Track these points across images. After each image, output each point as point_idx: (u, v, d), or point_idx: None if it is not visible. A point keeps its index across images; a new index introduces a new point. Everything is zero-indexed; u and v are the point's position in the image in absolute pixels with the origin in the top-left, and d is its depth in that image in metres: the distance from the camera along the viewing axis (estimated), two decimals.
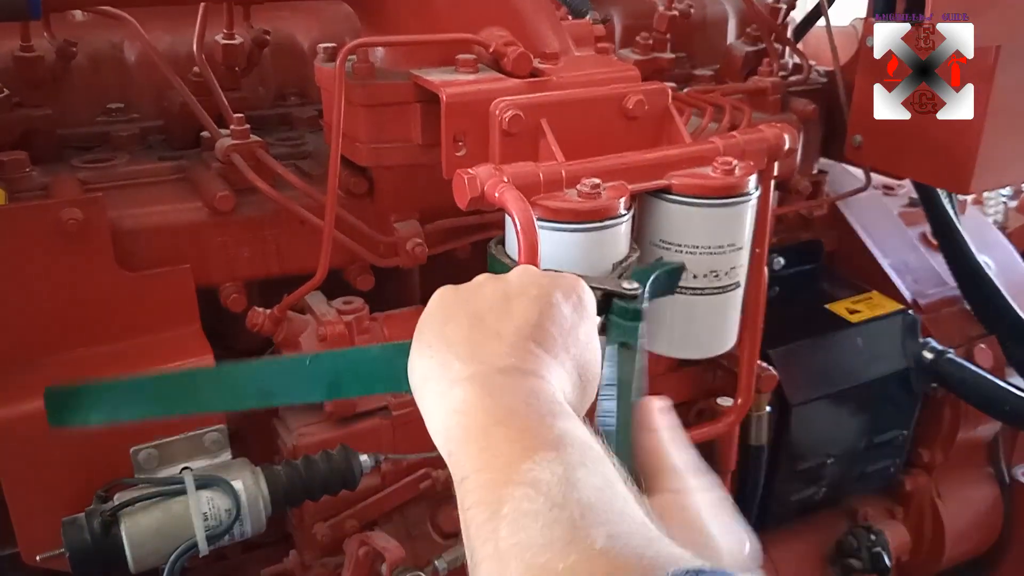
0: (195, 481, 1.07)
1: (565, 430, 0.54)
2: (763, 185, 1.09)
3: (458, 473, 0.55)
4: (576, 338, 0.66)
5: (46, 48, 1.34)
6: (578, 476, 0.50)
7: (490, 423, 0.56)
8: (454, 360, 0.62)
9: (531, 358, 0.61)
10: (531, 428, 0.54)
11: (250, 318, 1.21)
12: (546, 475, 0.50)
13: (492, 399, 0.57)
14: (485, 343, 0.63)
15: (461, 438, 0.56)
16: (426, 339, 0.66)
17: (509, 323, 0.64)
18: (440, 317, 0.67)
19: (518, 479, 0.50)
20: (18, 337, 1.11)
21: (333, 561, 1.28)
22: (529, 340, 0.63)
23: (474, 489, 0.52)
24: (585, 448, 0.53)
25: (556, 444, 0.52)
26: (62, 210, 1.08)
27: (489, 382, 0.59)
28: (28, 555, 1.10)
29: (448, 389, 0.60)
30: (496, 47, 1.14)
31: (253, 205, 1.23)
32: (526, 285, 0.68)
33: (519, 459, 0.51)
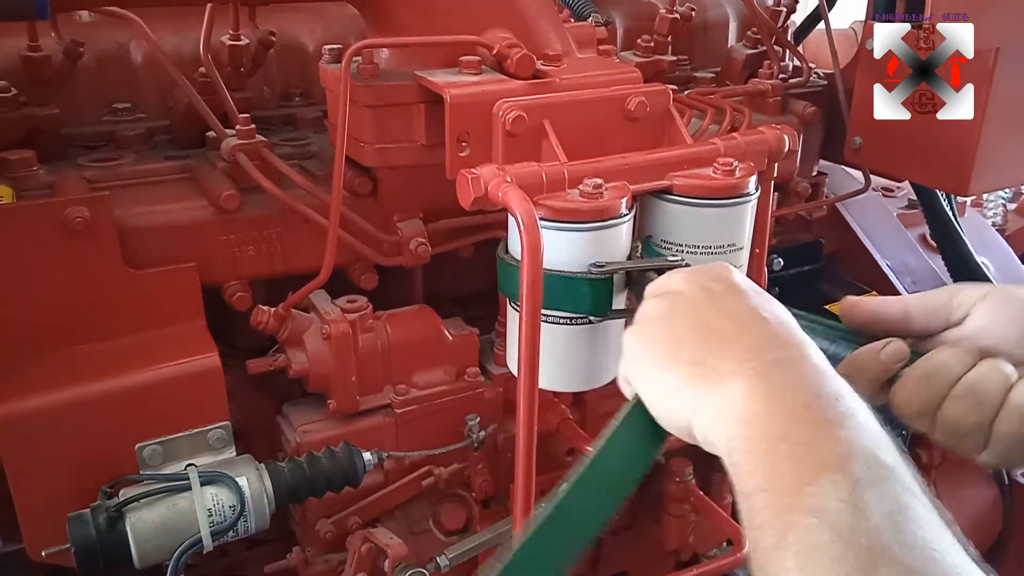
0: (200, 477, 1.08)
1: (851, 440, 0.52)
2: (763, 186, 1.10)
3: (743, 487, 0.54)
4: (779, 309, 0.67)
5: (53, 48, 1.34)
6: (866, 502, 0.48)
7: (774, 435, 0.54)
8: (714, 366, 0.61)
9: (777, 340, 0.62)
10: (815, 441, 0.53)
11: (255, 316, 1.22)
12: (831, 503, 0.48)
13: (770, 402, 0.56)
14: (728, 344, 0.62)
15: (745, 450, 0.55)
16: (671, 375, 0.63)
17: (732, 321, 0.64)
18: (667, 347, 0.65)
19: (802, 505, 0.49)
20: (25, 333, 1.12)
21: (336, 558, 1.29)
22: (756, 326, 0.63)
23: (760, 510, 0.52)
24: (873, 462, 0.51)
25: (841, 462, 0.51)
26: (69, 208, 1.09)
27: (760, 379, 0.58)
28: (33, 550, 1.11)
29: (719, 386, 0.59)
30: (499, 49, 1.15)
31: (258, 204, 1.24)
32: (707, 284, 0.68)
33: (804, 481, 0.50)
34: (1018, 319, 0.73)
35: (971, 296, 0.75)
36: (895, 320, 0.77)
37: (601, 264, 0.94)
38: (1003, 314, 0.73)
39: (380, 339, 1.27)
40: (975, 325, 0.74)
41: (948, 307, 0.76)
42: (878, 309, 0.78)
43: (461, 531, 1.37)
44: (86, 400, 1.10)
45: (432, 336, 1.31)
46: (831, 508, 0.48)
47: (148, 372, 1.14)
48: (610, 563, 1.63)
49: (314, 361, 1.23)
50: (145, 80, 1.46)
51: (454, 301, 1.50)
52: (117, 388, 1.11)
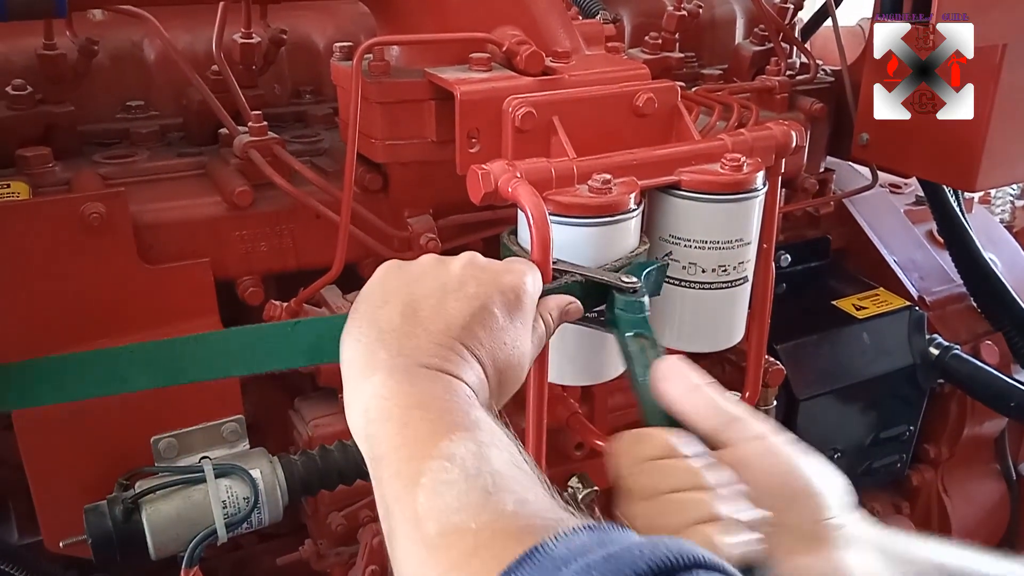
0: (214, 470, 1.09)
1: (479, 417, 0.59)
2: (771, 181, 1.11)
3: (376, 451, 0.58)
4: (503, 342, 0.68)
5: (68, 46, 1.36)
6: (490, 453, 0.54)
7: (410, 405, 0.59)
8: (380, 349, 0.64)
9: (454, 359, 0.64)
10: (448, 412, 0.58)
11: (267, 311, 1.24)
12: (461, 450, 0.54)
13: (411, 386, 0.60)
14: (413, 337, 0.65)
15: (381, 419, 0.59)
16: (359, 318, 0.68)
17: (440, 320, 0.66)
18: (378, 297, 0.69)
19: (435, 453, 0.54)
20: (41, 328, 1.13)
21: (348, 550, 1.30)
22: (455, 340, 0.65)
23: (393, 463, 0.56)
24: (496, 432, 0.58)
25: (470, 427, 0.57)
26: (85, 204, 1.11)
27: (410, 372, 0.62)
28: (51, 541, 1.12)
29: (370, 374, 0.63)
30: (509, 46, 1.16)
31: (270, 200, 1.25)
32: (465, 281, 0.69)
33: (436, 437, 0.55)
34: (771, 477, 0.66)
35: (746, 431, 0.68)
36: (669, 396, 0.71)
37: (555, 261, 0.89)
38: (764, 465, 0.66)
39: None
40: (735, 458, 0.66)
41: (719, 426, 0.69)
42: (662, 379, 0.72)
43: None
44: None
45: None
46: (460, 454, 0.54)
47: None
48: None
49: None
50: (159, 78, 1.48)
51: None
52: None
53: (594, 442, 1.33)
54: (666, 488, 0.64)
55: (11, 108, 1.30)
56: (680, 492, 0.63)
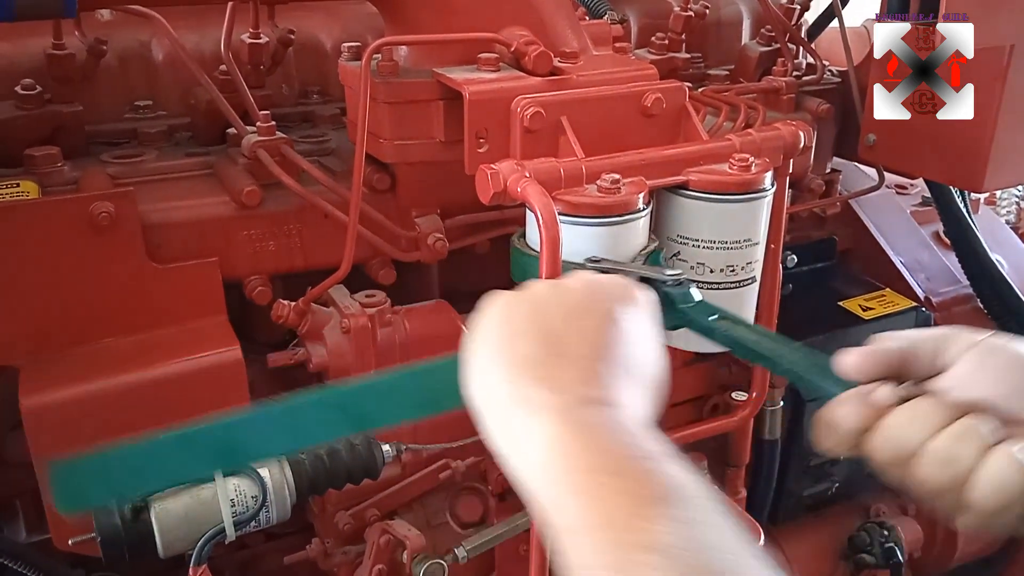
0: None
1: (674, 478, 0.53)
2: (778, 182, 1.11)
3: (560, 521, 0.53)
4: (646, 353, 0.66)
5: (77, 46, 1.37)
6: (703, 537, 0.49)
7: (595, 468, 0.54)
8: (529, 384, 0.60)
9: (609, 384, 0.60)
10: (640, 476, 0.53)
11: (275, 310, 1.24)
12: (669, 538, 0.48)
13: (586, 439, 0.56)
14: (561, 367, 0.61)
15: (561, 481, 0.54)
16: (490, 355, 0.64)
17: (582, 344, 0.62)
18: (507, 331, 0.65)
19: (642, 542, 0.48)
20: (51, 327, 1.14)
21: (355, 549, 1.31)
22: (603, 363, 0.61)
23: (594, 549, 0.50)
24: (699, 498, 0.52)
25: (670, 497, 0.51)
26: (94, 204, 1.11)
27: (575, 419, 0.57)
28: (60, 540, 1.13)
29: (529, 419, 0.58)
30: (517, 46, 1.17)
31: (278, 200, 1.26)
32: (593, 299, 0.67)
33: (637, 517, 0.50)
34: (1005, 372, 0.65)
35: (961, 343, 0.68)
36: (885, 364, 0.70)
37: (596, 259, 0.93)
38: (991, 365, 0.66)
39: (398, 333, 1.28)
40: (959, 375, 0.66)
41: (935, 352, 0.69)
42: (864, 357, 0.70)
43: (478, 523, 1.39)
44: (111, 392, 1.12)
45: (450, 331, 1.32)
46: (669, 543, 0.48)
47: (171, 365, 1.16)
48: None
49: (333, 355, 1.25)
50: (166, 78, 1.48)
51: (470, 296, 1.50)
52: (142, 381, 1.13)
53: None
54: (926, 434, 0.62)
55: (20, 108, 1.30)
56: (944, 429, 0.61)
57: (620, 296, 0.68)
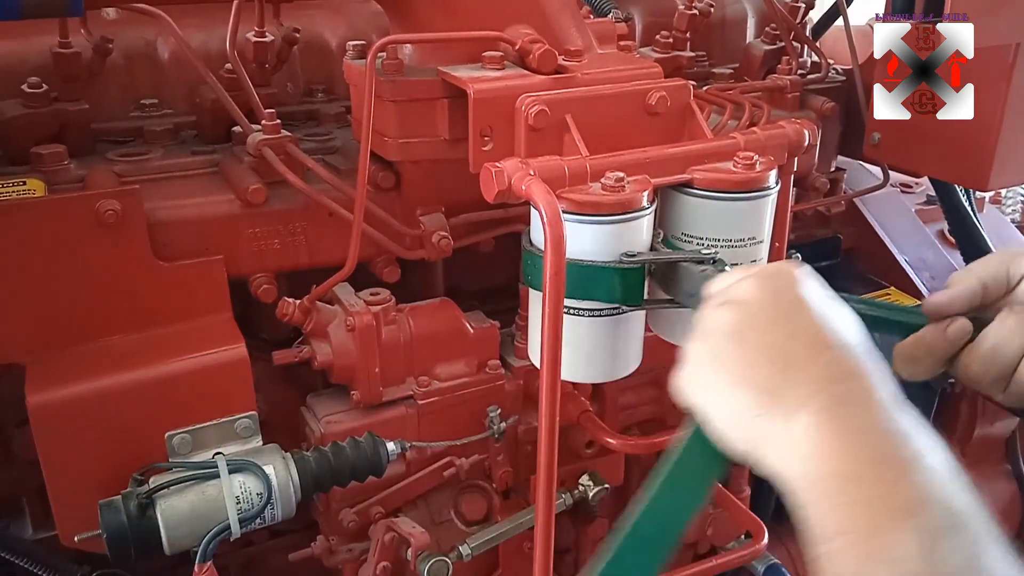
0: (228, 465, 1.10)
1: (925, 484, 0.53)
2: (783, 180, 1.11)
3: (817, 528, 0.55)
4: (844, 320, 0.67)
5: (83, 45, 1.37)
6: (942, 555, 0.50)
7: (846, 475, 0.55)
8: (785, 396, 0.61)
9: (846, 369, 0.61)
10: (889, 483, 0.54)
11: (280, 308, 1.24)
12: (907, 551, 0.50)
13: (840, 439, 0.57)
14: (799, 371, 0.62)
15: (817, 489, 0.56)
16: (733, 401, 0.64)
17: (804, 343, 0.64)
18: (734, 376, 0.65)
19: (879, 555, 0.50)
20: (57, 324, 1.14)
21: (359, 547, 1.31)
22: (826, 351, 0.63)
23: (839, 555, 0.52)
24: (948, 509, 0.52)
25: (917, 508, 0.52)
26: (100, 201, 1.11)
27: (829, 414, 0.58)
28: (66, 536, 1.13)
29: (790, 419, 0.60)
30: (522, 44, 1.17)
31: (283, 198, 1.26)
32: (780, 296, 0.67)
33: (880, 527, 0.51)
34: None
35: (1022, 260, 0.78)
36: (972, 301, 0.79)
37: (632, 253, 0.95)
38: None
39: (403, 331, 1.28)
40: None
41: (1007, 275, 0.78)
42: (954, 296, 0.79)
43: (482, 521, 1.39)
44: (117, 390, 1.12)
45: (454, 329, 1.33)
46: (908, 558, 0.49)
47: (177, 362, 1.16)
48: None
49: (338, 352, 1.25)
50: (172, 76, 1.49)
51: (474, 294, 1.52)
52: (147, 378, 1.14)
53: (605, 440, 1.34)
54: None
55: (26, 106, 1.31)
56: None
57: (794, 281, 0.69)
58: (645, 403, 1.49)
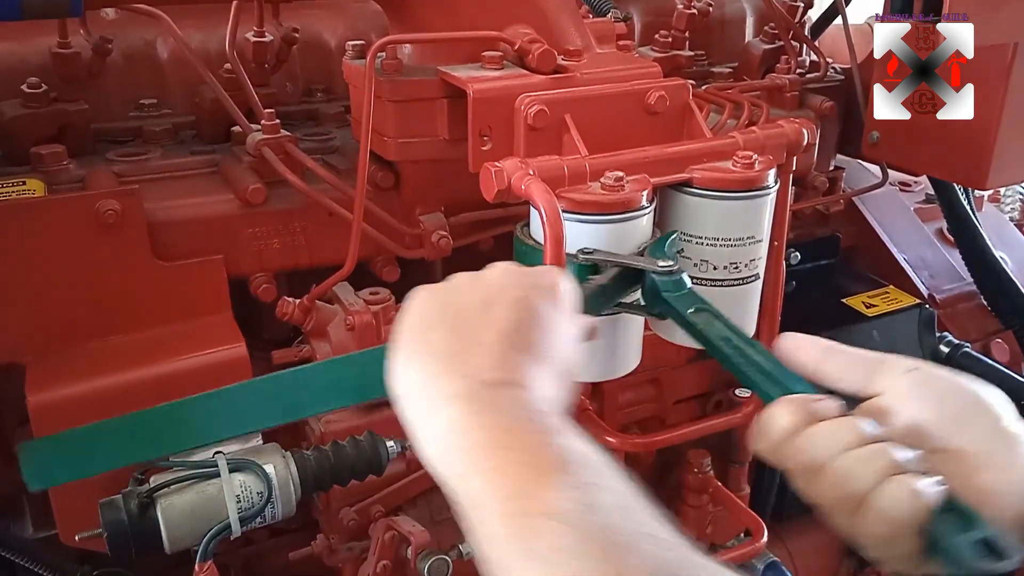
0: (228, 464, 1.10)
1: (567, 447, 0.55)
2: (782, 179, 1.11)
3: (465, 499, 0.55)
4: (557, 339, 0.67)
5: (83, 45, 1.37)
6: (596, 499, 0.50)
7: (491, 444, 0.56)
8: (440, 374, 0.62)
9: (515, 368, 0.62)
10: (535, 447, 0.54)
11: (280, 307, 1.24)
12: (567, 503, 0.50)
13: (488, 417, 0.57)
14: (469, 354, 0.62)
15: (462, 460, 0.56)
16: (407, 347, 0.65)
17: (491, 331, 0.64)
18: (420, 323, 0.67)
19: (540, 509, 0.50)
20: (58, 324, 1.15)
21: (359, 545, 1.31)
22: (510, 348, 0.63)
23: (492, 520, 0.52)
24: (593, 464, 0.54)
25: (566, 464, 0.53)
26: (100, 202, 1.12)
27: (478, 399, 0.59)
28: (66, 535, 1.13)
29: (437, 406, 0.60)
30: (521, 44, 1.17)
31: (283, 198, 1.26)
32: (506, 288, 0.68)
33: (533, 485, 0.51)
34: (942, 400, 0.66)
35: (896, 367, 0.69)
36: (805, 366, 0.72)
37: (589, 250, 0.92)
38: (928, 391, 0.66)
39: None
40: (897, 397, 0.67)
41: (868, 373, 0.69)
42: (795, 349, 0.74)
43: None
44: (117, 389, 1.12)
45: None
46: (567, 509, 0.49)
47: (176, 362, 1.16)
48: None
49: (338, 352, 1.25)
50: (171, 76, 1.49)
51: None
52: (147, 377, 1.14)
53: (605, 439, 1.34)
54: (837, 450, 0.61)
55: (26, 106, 1.31)
56: (853, 450, 0.61)
57: (536, 284, 0.69)
58: (644, 402, 1.49)
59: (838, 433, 0.62)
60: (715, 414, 1.47)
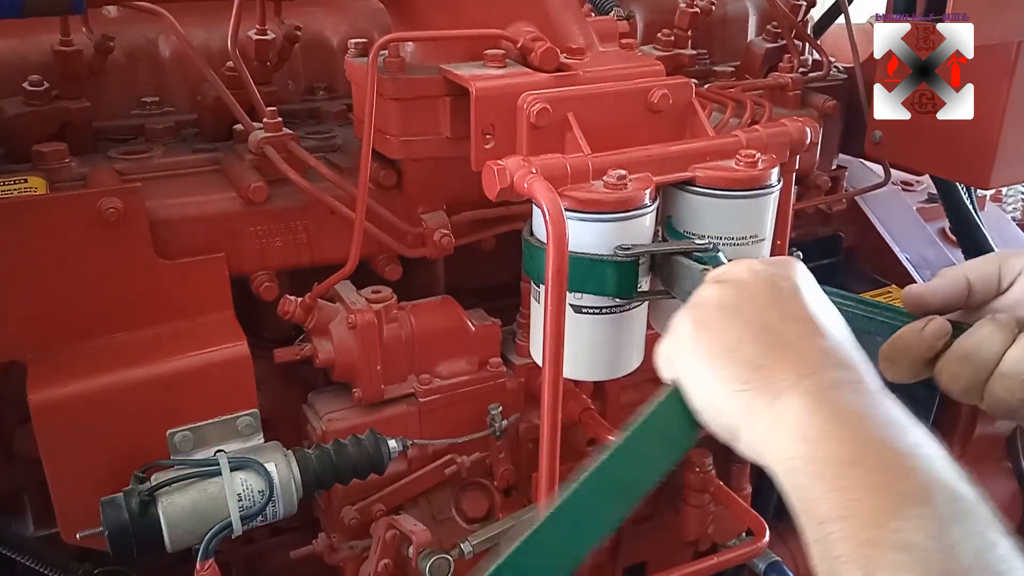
0: (229, 463, 1.10)
1: (929, 471, 0.51)
2: (785, 178, 1.11)
3: (812, 512, 0.52)
4: (834, 314, 0.66)
5: (84, 43, 1.37)
6: (954, 539, 0.47)
7: (845, 459, 0.53)
8: (773, 374, 0.60)
9: (839, 358, 0.60)
10: (892, 468, 0.52)
11: (282, 306, 1.24)
12: (918, 537, 0.47)
13: (836, 423, 0.55)
14: (790, 352, 0.61)
15: (812, 472, 0.54)
16: (714, 371, 0.63)
17: (795, 327, 0.63)
18: (719, 346, 0.64)
19: (888, 540, 0.47)
20: (59, 322, 1.14)
21: (361, 544, 1.31)
22: (819, 338, 0.62)
23: (838, 540, 0.50)
24: (954, 495, 0.50)
25: (923, 495, 0.50)
26: (102, 199, 1.12)
27: (823, 398, 0.57)
28: (67, 533, 1.13)
29: (778, 398, 0.58)
30: (524, 42, 1.17)
31: (285, 196, 1.26)
32: (776, 282, 0.67)
33: (886, 512, 0.49)
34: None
35: (1017, 265, 0.74)
36: (954, 296, 0.76)
37: (627, 247, 0.95)
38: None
39: (404, 329, 1.28)
40: (1018, 294, 0.73)
41: (997, 275, 0.75)
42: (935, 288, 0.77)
43: (483, 519, 1.39)
44: (119, 387, 1.12)
45: (455, 327, 1.33)
46: (919, 544, 0.47)
47: (179, 360, 1.16)
48: (629, 553, 1.65)
49: (340, 350, 1.25)
50: (173, 74, 1.49)
51: (475, 292, 1.52)
52: (149, 376, 1.14)
53: (607, 438, 1.34)
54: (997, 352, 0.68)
55: (28, 104, 1.31)
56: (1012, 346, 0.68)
57: (792, 271, 0.69)
58: (647, 401, 1.48)
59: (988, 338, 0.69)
60: None
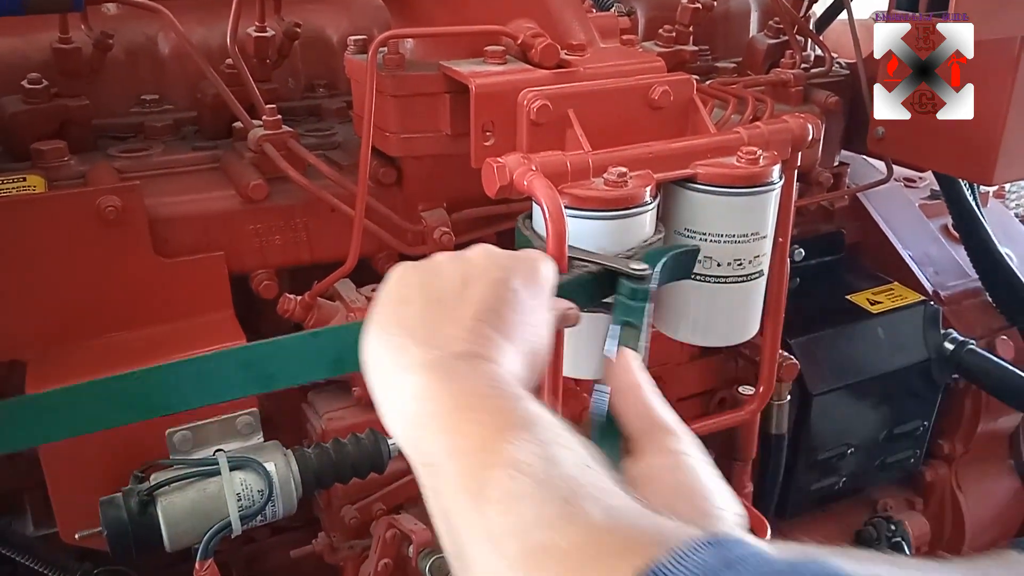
0: (229, 462, 1.10)
1: (531, 411, 0.53)
2: (787, 175, 1.10)
3: (424, 459, 0.54)
4: (530, 323, 0.66)
5: (83, 40, 1.37)
6: (557, 454, 0.49)
7: (455, 407, 0.55)
8: (410, 344, 0.61)
9: (487, 343, 0.61)
10: (498, 410, 0.54)
11: (281, 304, 1.24)
12: (525, 455, 0.48)
13: (453, 383, 0.57)
14: (441, 327, 0.62)
15: (426, 424, 0.55)
16: (381, 319, 0.65)
17: (466, 307, 0.64)
18: (396, 297, 0.67)
19: (497, 461, 0.49)
20: (59, 321, 1.14)
21: (361, 543, 1.31)
22: (485, 325, 0.62)
23: (450, 475, 0.51)
24: (555, 427, 0.52)
25: (526, 424, 0.51)
26: (101, 198, 1.12)
27: (447, 367, 0.58)
28: (67, 533, 1.13)
29: (403, 374, 0.59)
30: (524, 39, 1.16)
31: (285, 194, 1.26)
32: (486, 268, 0.68)
33: (493, 441, 0.50)
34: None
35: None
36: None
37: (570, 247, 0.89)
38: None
39: None
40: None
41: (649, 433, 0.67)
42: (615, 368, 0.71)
43: None
44: None
45: None
46: (525, 459, 0.48)
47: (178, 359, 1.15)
48: None
49: None
50: (173, 72, 1.48)
51: None
52: None
53: None
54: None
55: (27, 102, 1.31)
56: None
57: (516, 267, 0.69)
58: None
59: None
60: (718, 411, 1.47)
